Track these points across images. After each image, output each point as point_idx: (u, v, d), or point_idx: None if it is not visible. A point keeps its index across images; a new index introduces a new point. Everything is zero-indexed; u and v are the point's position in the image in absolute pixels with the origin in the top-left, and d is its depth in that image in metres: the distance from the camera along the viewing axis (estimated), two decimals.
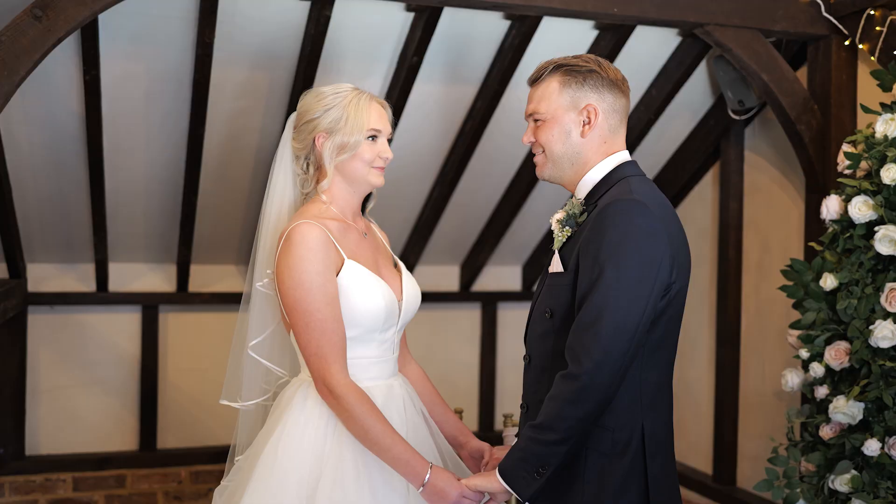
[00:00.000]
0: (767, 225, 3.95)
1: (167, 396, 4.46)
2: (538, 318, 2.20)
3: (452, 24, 3.44)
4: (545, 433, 1.99)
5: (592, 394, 1.96)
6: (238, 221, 4.23)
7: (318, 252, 2.22)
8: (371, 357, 2.33)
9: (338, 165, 2.33)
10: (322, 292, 2.21)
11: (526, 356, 2.26)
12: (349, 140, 2.30)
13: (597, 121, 2.14)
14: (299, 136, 2.37)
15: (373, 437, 2.17)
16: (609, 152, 2.17)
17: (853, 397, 2.81)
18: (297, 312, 2.22)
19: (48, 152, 3.64)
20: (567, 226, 2.14)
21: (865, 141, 2.91)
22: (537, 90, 2.20)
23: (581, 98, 2.14)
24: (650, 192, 2.09)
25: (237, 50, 3.37)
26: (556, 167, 2.19)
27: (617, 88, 2.16)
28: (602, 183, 2.14)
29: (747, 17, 3.30)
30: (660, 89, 3.92)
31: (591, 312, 1.97)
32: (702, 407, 4.37)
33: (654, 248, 1.99)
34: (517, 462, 2.04)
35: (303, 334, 2.22)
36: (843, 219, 2.96)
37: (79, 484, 4.27)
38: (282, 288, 2.25)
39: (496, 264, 4.92)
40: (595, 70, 2.15)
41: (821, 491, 2.96)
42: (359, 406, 2.18)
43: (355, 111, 2.31)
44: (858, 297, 2.85)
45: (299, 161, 2.40)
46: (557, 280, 2.13)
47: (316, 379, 2.24)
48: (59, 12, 2.66)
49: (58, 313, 4.29)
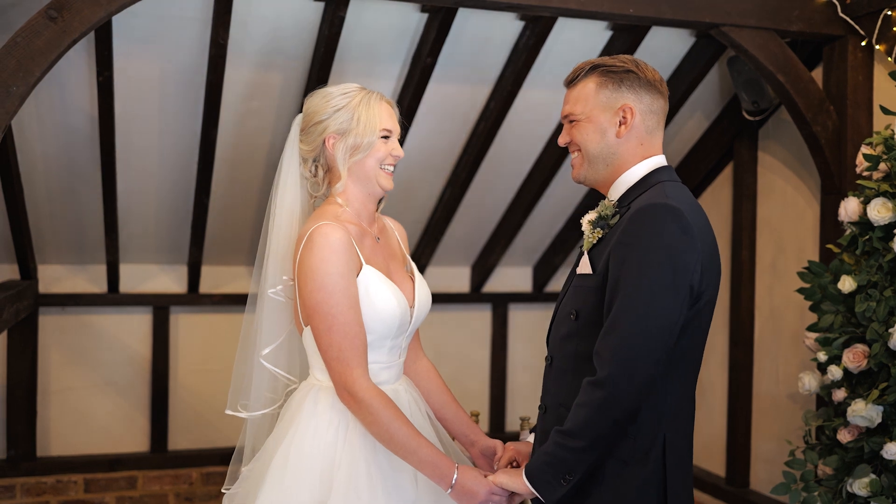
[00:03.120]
0: (781, 226, 3.93)
1: (178, 398, 4.45)
2: (563, 319, 2.17)
3: (467, 24, 3.43)
4: (573, 440, 1.97)
5: (620, 401, 1.93)
6: (249, 222, 4.22)
7: (342, 254, 2.18)
8: (381, 363, 2.31)
9: (350, 166, 2.30)
10: (345, 295, 2.18)
11: (548, 357, 2.23)
12: (362, 141, 2.27)
13: (633, 121, 2.11)
14: (308, 138, 2.34)
15: (399, 441, 2.15)
16: (646, 155, 2.14)
17: (872, 400, 2.79)
18: (319, 315, 2.18)
19: (60, 153, 3.64)
20: (598, 227, 2.12)
21: (884, 142, 2.89)
22: (573, 91, 2.17)
23: (618, 98, 2.11)
24: (685, 199, 2.06)
25: (250, 51, 3.37)
26: (592, 168, 2.16)
27: (654, 89, 2.14)
28: (637, 186, 2.11)
29: (763, 17, 3.28)
30: (674, 90, 3.90)
31: (620, 318, 1.94)
32: (715, 409, 4.35)
33: (687, 255, 1.96)
34: (543, 466, 2.02)
35: (324, 337, 2.18)
36: (861, 221, 2.94)
37: (90, 485, 4.27)
38: (303, 290, 2.21)
39: (507, 265, 4.91)
40: (632, 71, 2.12)
41: (839, 494, 2.94)
42: (384, 410, 2.15)
43: (367, 111, 2.28)
44: (877, 299, 2.83)
45: (307, 164, 2.36)
46: (585, 282, 2.11)
47: (337, 383, 2.20)
48: (74, 13, 2.65)
49: (69, 314, 4.28)
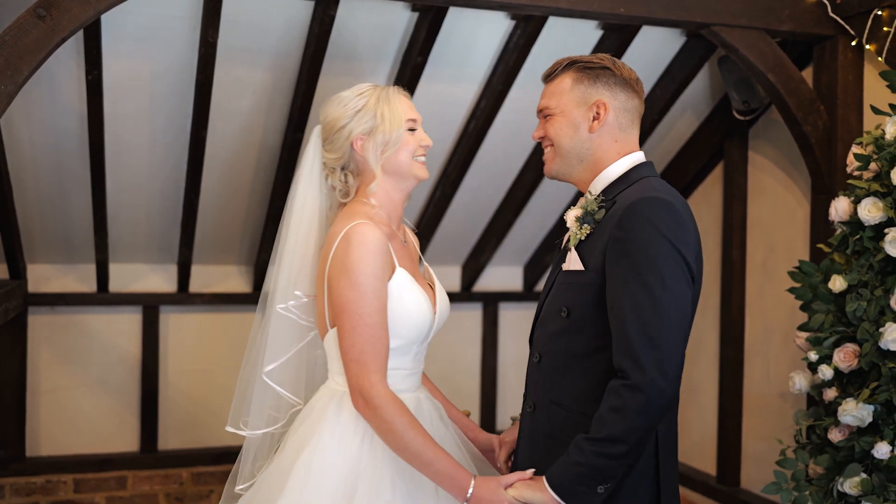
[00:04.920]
0: (772, 226, 3.94)
1: (168, 397, 4.43)
2: (551, 316, 2.16)
3: (457, 24, 3.42)
4: (614, 446, 1.92)
5: (661, 400, 1.91)
6: (240, 222, 4.21)
7: (378, 256, 2.14)
8: (406, 369, 2.28)
9: (383, 164, 2.27)
10: (376, 297, 2.13)
11: (534, 355, 2.21)
12: (391, 136, 2.25)
13: (606, 117, 2.13)
14: (333, 146, 2.29)
15: (414, 451, 2.07)
16: (623, 152, 2.16)
17: (863, 400, 2.80)
18: (347, 314, 2.13)
19: (50, 152, 3.62)
20: (586, 223, 2.10)
21: (875, 142, 2.89)
22: (550, 86, 2.20)
23: (592, 94, 2.13)
24: (673, 193, 2.07)
25: (240, 50, 3.35)
26: (564, 162, 2.18)
27: (630, 88, 2.16)
28: (619, 181, 2.13)
29: (753, 17, 3.28)
30: (664, 89, 3.91)
31: (644, 318, 1.92)
32: (706, 408, 4.36)
33: (686, 247, 1.98)
34: (577, 478, 1.95)
35: (348, 338, 2.13)
36: (852, 220, 2.94)
37: (80, 485, 4.25)
38: (334, 287, 2.16)
39: (498, 265, 4.90)
40: (608, 67, 2.15)
41: (829, 494, 2.94)
42: (399, 417, 2.08)
43: (388, 106, 2.26)
44: (868, 299, 2.83)
45: (336, 173, 2.32)
46: (575, 278, 2.10)
47: (353, 387, 2.14)
48: (62, 12, 2.62)
49: (58, 314, 4.26)
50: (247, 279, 4.54)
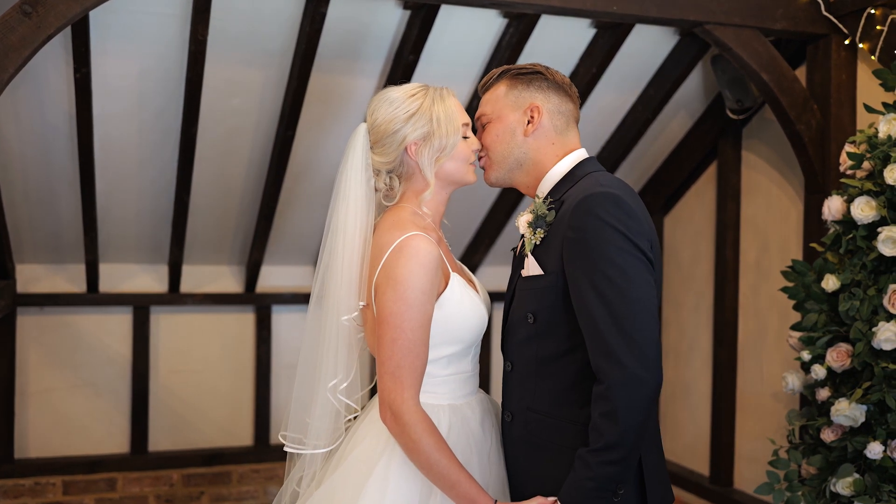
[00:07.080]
0: (765, 225, 3.92)
1: (159, 398, 4.41)
2: (518, 322, 2.15)
3: (449, 22, 3.40)
4: (617, 451, 1.91)
5: (645, 391, 1.89)
6: (231, 221, 4.18)
7: (430, 272, 2.08)
8: (468, 372, 2.24)
9: (437, 171, 2.21)
10: (421, 312, 2.07)
11: (507, 363, 2.21)
12: (447, 142, 2.19)
13: (541, 120, 2.18)
14: (384, 150, 2.21)
15: (439, 472, 2.03)
16: (563, 153, 2.19)
17: (855, 400, 2.79)
18: (389, 325, 2.06)
19: (38, 151, 3.59)
20: (539, 227, 2.10)
21: (868, 141, 2.88)
22: (486, 95, 2.27)
23: (526, 98, 2.20)
24: (619, 185, 2.07)
25: (231, 47, 3.33)
26: (501, 168, 2.22)
27: (563, 92, 2.22)
28: (564, 180, 2.15)
29: (747, 15, 3.27)
30: (657, 88, 3.89)
31: (614, 313, 1.91)
32: (699, 408, 4.34)
33: (639, 236, 1.97)
34: (591, 492, 1.93)
35: (386, 349, 2.07)
36: (845, 219, 2.93)
37: (69, 487, 4.22)
38: (381, 297, 2.09)
39: (491, 265, 4.88)
40: (541, 73, 2.22)
41: (822, 494, 2.93)
42: (427, 437, 2.03)
43: (444, 111, 2.19)
44: (861, 298, 2.82)
45: (381, 176, 2.24)
46: (536, 283, 2.09)
47: (383, 401, 2.08)
48: (49, 8, 2.60)
49: (48, 314, 4.23)
50: (238, 279, 4.52)
